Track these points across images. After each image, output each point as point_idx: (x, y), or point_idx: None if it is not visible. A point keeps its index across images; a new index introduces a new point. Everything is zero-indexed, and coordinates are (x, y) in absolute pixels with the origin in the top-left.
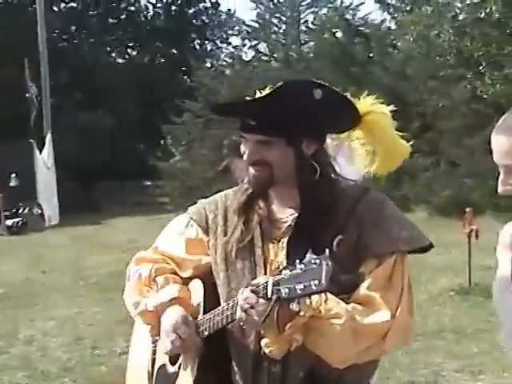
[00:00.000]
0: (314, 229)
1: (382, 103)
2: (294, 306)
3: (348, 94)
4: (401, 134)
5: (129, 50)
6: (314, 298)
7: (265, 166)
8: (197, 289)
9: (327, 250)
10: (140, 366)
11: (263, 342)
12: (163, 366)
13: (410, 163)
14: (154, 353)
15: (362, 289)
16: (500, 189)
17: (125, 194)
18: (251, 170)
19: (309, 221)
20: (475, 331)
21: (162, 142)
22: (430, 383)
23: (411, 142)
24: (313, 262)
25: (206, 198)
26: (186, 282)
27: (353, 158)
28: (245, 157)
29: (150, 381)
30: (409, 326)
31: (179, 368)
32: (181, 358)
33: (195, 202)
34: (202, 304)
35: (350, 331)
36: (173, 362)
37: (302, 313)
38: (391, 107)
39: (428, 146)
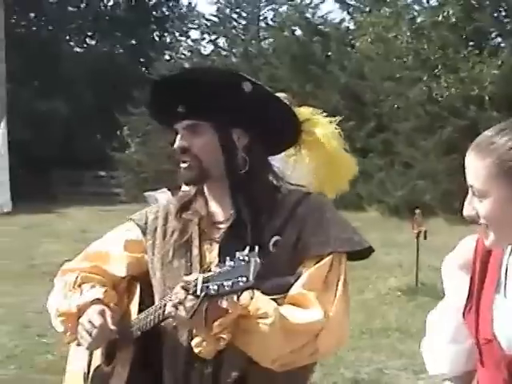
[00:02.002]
0: (250, 229)
1: (326, 116)
2: (223, 303)
3: (282, 97)
4: (348, 140)
5: (87, 40)
6: (244, 295)
7: (193, 157)
8: (135, 287)
9: (256, 248)
10: (77, 368)
11: (193, 341)
12: (98, 367)
13: (365, 163)
14: (91, 354)
15: (296, 288)
16: (464, 211)
17: (80, 184)
18: (181, 165)
19: (244, 220)
20: (420, 331)
21: (118, 132)
22: (373, 381)
23: (366, 142)
24: (241, 259)
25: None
26: (123, 281)
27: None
28: (174, 146)
29: (86, 382)
30: (343, 327)
31: (113, 368)
32: (115, 359)
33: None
34: (137, 304)
35: (280, 330)
36: (107, 362)
37: (230, 311)
38: (333, 121)
39: (383, 146)
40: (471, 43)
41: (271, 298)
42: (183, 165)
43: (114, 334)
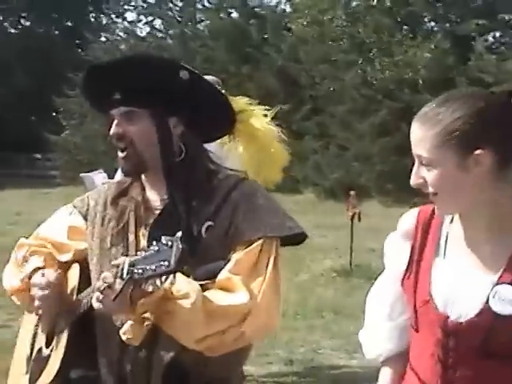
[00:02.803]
0: (183, 214)
1: (259, 104)
2: (146, 286)
3: (211, 80)
4: (285, 122)
5: (22, 21)
6: (169, 279)
7: (129, 144)
8: (74, 272)
9: (179, 233)
10: (22, 351)
11: (121, 330)
12: (40, 349)
13: (301, 145)
14: (34, 337)
15: (224, 272)
16: (412, 180)
17: (15, 166)
18: (119, 153)
19: (177, 206)
20: (353, 312)
21: (54, 114)
22: (307, 361)
23: (302, 125)
24: (165, 243)
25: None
26: (65, 266)
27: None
28: (110, 133)
29: (28, 363)
30: (272, 311)
31: (51, 350)
32: (53, 341)
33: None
34: (76, 286)
35: (201, 311)
36: (47, 345)
37: (153, 294)
38: (268, 109)
39: (318, 129)
40: (405, 27)
41: (201, 284)
42: (121, 154)
43: (57, 289)
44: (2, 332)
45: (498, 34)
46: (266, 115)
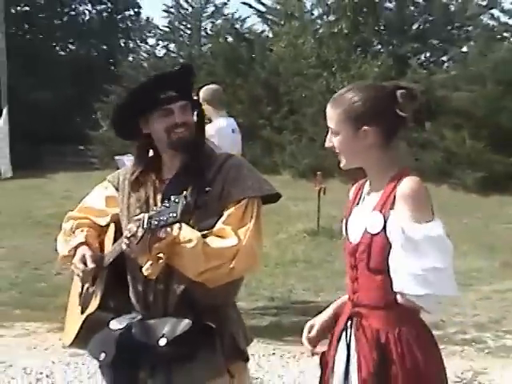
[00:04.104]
0: (188, 182)
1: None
2: (161, 234)
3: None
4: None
5: (69, 45)
6: (176, 226)
7: (188, 127)
8: (111, 230)
9: (185, 192)
10: (76, 289)
11: (143, 267)
12: (87, 288)
13: (280, 138)
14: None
15: (219, 223)
16: (325, 144)
17: (64, 155)
18: (179, 130)
19: (184, 177)
20: (320, 262)
21: (93, 116)
22: (284, 298)
23: (281, 122)
24: (173, 200)
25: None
26: (105, 227)
27: None
28: (175, 120)
29: (80, 298)
30: (255, 251)
31: (95, 287)
32: (96, 281)
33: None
34: (112, 239)
35: (201, 252)
36: (92, 284)
37: (165, 239)
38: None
39: (294, 126)
40: (359, 49)
41: (203, 234)
42: (180, 133)
43: (94, 269)
44: (59, 278)
45: (428, 54)
46: None
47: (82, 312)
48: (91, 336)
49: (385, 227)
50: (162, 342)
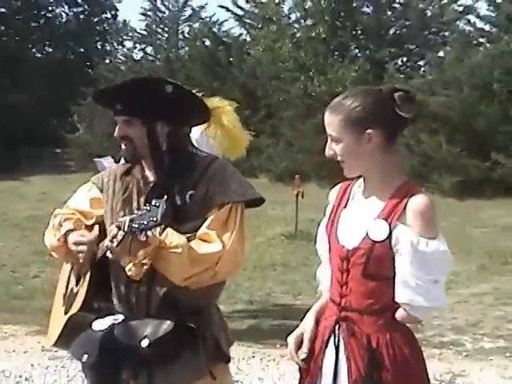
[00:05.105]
0: (170, 186)
1: (228, 100)
2: (141, 237)
3: (196, 92)
4: (245, 124)
5: (46, 48)
6: (157, 231)
7: (128, 142)
8: (95, 231)
9: (165, 196)
10: (60, 290)
11: (126, 268)
12: (72, 288)
13: (257, 141)
14: (68, 280)
15: (203, 227)
16: (326, 152)
17: (40, 158)
18: (122, 146)
19: (165, 180)
20: (298, 265)
21: (70, 118)
22: (263, 301)
23: (259, 126)
24: (154, 204)
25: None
26: (89, 228)
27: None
28: (115, 134)
29: (64, 299)
30: (238, 255)
31: (79, 288)
32: (80, 281)
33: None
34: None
35: (187, 258)
36: (77, 284)
37: (150, 243)
38: (234, 104)
39: (271, 129)
40: (336, 53)
41: (187, 237)
42: (123, 146)
43: (94, 245)
44: (35, 281)
45: (405, 59)
46: (233, 110)
47: (66, 312)
48: (74, 337)
49: (389, 237)
50: (145, 343)
